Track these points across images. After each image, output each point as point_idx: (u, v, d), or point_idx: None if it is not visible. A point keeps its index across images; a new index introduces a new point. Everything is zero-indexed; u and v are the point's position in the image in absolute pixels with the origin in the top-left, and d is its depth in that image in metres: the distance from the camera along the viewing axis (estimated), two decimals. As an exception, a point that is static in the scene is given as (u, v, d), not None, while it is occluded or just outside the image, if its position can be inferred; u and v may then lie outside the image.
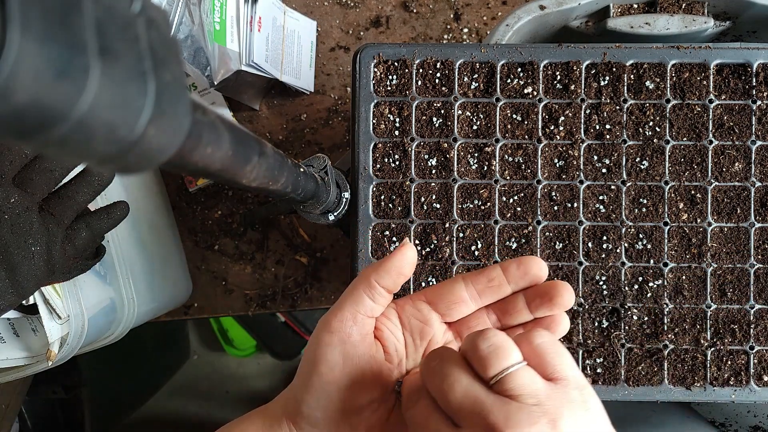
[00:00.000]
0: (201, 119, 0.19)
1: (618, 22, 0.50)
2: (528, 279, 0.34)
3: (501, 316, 0.35)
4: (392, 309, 0.36)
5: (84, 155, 0.14)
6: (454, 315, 0.35)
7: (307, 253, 0.71)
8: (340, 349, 0.33)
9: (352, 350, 0.33)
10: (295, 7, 0.68)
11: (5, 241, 0.38)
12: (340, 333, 0.33)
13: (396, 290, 0.34)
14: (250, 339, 1.29)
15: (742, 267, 0.47)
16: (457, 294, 0.35)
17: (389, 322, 0.36)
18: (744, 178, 0.46)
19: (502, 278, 0.34)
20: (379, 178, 0.47)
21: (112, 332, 0.55)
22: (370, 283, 0.33)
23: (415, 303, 0.36)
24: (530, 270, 0.34)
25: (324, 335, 0.33)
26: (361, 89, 0.47)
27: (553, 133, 0.47)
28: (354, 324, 0.33)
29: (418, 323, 0.36)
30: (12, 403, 0.68)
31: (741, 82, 0.47)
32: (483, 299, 0.35)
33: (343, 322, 0.33)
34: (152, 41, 0.15)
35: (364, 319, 0.34)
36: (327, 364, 0.33)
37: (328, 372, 0.33)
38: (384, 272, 0.33)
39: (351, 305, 0.33)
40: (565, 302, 0.33)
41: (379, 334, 0.35)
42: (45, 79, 0.12)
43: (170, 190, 0.71)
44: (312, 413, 0.33)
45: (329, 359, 0.33)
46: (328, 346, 0.33)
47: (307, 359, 0.34)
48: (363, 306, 0.33)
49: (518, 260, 0.34)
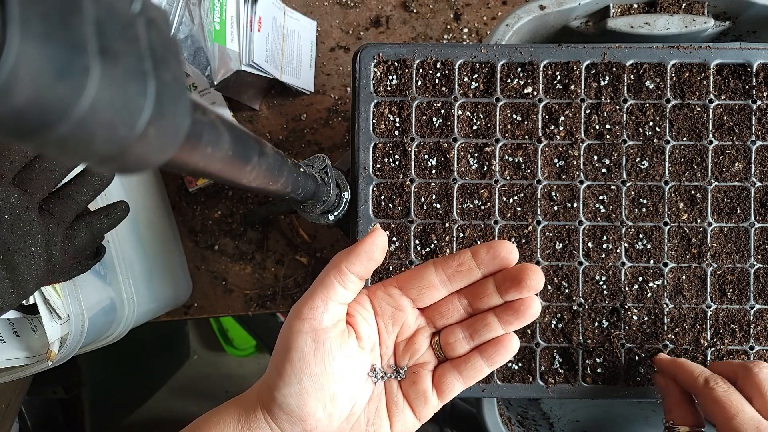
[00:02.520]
0: (201, 119, 0.19)
1: (618, 22, 0.50)
2: (497, 263, 0.34)
3: (472, 300, 0.35)
4: (364, 295, 0.37)
5: (84, 155, 0.14)
6: (425, 300, 0.36)
7: (307, 253, 0.71)
8: (311, 336, 0.33)
9: (323, 336, 0.33)
10: (295, 7, 0.68)
11: (5, 241, 0.38)
12: (311, 320, 0.33)
13: (367, 276, 0.35)
14: (250, 339, 1.29)
15: (742, 267, 0.47)
16: (428, 279, 0.35)
17: (362, 308, 0.36)
18: (744, 178, 0.46)
19: (472, 262, 0.34)
20: (379, 178, 0.47)
21: (112, 332, 0.55)
22: (341, 269, 0.33)
23: (387, 289, 0.36)
24: (499, 253, 0.34)
25: (295, 322, 0.33)
26: (361, 89, 0.47)
27: (553, 133, 0.47)
28: (325, 311, 0.33)
29: (390, 309, 0.36)
30: (12, 403, 0.68)
31: (741, 82, 0.47)
32: (453, 284, 0.35)
33: (315, 309, 0.33)
34: (152, 41, 0.15)
35: (336, 306, 0.34)
36: (298, 351, 0.33)
37: (299, 359, 0.33)
38: (354, 258, 0.34)
39: (322, 292, 0.34)
40: (534, 285, 0.33)
41: (351, 320, 0.35)
42: (45, 79, 0.12)
43: (170, 190, 0.71)
44: (285, 400, 0.33)
45: (300, 346, 0.33)
46: (299, 332, 0.33)
47: (279, 347, 0.34)
48: (334, 292, 0.34)
49: (488, 244, 0.34)
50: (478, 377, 0.35)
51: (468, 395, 0.47)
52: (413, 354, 0.36)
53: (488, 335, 0.35)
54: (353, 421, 0.35)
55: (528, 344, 0.47)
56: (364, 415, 0.35)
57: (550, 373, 0.47)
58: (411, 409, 0.35)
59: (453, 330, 0.36)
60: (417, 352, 0.36)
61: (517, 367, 0.47)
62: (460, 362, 0.35)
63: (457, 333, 0.35)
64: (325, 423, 0.33)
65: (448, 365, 0.36)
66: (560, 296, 0.47)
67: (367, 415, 0.35)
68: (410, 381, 0.36)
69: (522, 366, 0.47)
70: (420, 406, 0.35)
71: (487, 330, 0.35)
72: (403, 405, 0.35)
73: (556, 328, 0.47)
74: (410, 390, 0.35)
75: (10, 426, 0.69)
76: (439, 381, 0.35)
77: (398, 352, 0.37)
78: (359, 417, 0.35)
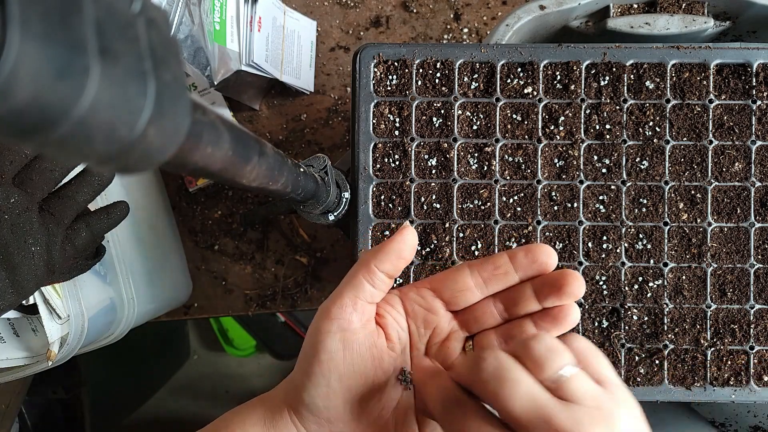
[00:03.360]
0: (201, 119, 0.19)
1: (618, 22, 0.50)
2: (536, 267, 0.33)
3: (508, 305, 0.34)
4: (396, 296, 0.35)
5: (84, 155, 0.14)
6: (459, 303, 0.34)
7: (307, 253, 0.71)
8: (340, 336, 0.32)
9: (352, 337, 0.32)
10: (295, 7, 0.68)
11: (5, 241, 0.38)
12: (340, 320, 0.32)
13: (396, 275, 0.34)
14: (250, 339, 1.29)
15: (742, 267, 0.47)
16: (462, 281, 0.34)
17: (392, 309, 0.35)
18: (744, 178, 0.46)
19: (509, 266, 0.33)
20: (379, 178, 0.47)
21: (112, 332, 0.55)
22: (369, 268, 0.33)
23: (419, 291, 0.35)
24: (538, 258, 0.33)
25: (324, 322, 0.32)
26: (361, 89, 0.47)
27: (553, 133, 0.47)
28: (354, 310, 0.32)
29: (423, 311, 0.35)
30: (12, 403, 0.68)
31: (741, 82, 0.47)
32: (489, 287, 0.34)
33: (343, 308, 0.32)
34: (152, 41, 0.15)
35: (365, 306, 0.33)
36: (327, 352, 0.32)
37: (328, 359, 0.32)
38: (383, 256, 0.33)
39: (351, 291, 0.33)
40: (575, 292, 0.32)
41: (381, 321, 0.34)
42: (45, 79, 0.12)
43: (170, 190, 0.71)
44: (313, 401, 0.32)
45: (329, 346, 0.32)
46: (328, 333, 0.32)
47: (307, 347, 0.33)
48: (363, 292, 0.33)
49: (526, 248, 0.33)
50: None
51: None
52: (445, 358, 0.35)
53: None
54: (381, 425, 0.33)
55: (528, 344, 0.47)
56: (393, 419, 0.34)
57: (550, 373, 0.47)
58: None
59: (487, 335, 0.34)
60: (449, 356, 0.35)
61: (517, 367, 0.47)
62: None
63: (491, 338, 0.34)
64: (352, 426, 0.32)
65: None
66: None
67: (396, 419, 0.34)
68: None
69: (522, 366, 0.47)
70: None
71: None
72: None
73: (556, 328, 0.47)
74: None
75: (10, 426, 0.69)
76: None
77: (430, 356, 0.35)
78: (387, 421, 0.34)
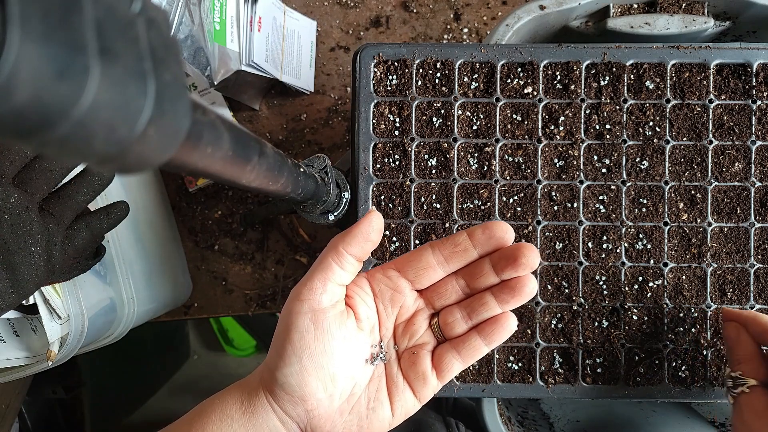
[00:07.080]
0: (201, 119, 0.19)
1: (618, 22, 0.50)
2: (493, 242, 0.35)
3: (469, 280, 0.36)
4: (363, 278, 0.37)
5: (84, 155, 0.14)
6: (423, 281, 0.36)
7: (307, 253, 0.71)
8: (310, 317, 0.33)
9: (322, 317, 0.34)
10: (295, 7, 0.68)
11: (5, 241, 0.38)
12: (310, 300, 0.34)
13: (364, 258, 0.35)
14: (250, 339, 1.29)
15: (742, 267, 0.47)
16: (425, 260, 0.36)
17: (360, 290, 0.37)
18: (744, 178, 0.46)
19: (468, 243, 0.35)
20: (379, 178, 0.47)
21: (112, 332, 0.55)
22: (338, 251, 0.34)
23: (385, 271, 0.37)
24: (495, 233, 0.34)
25: (294, 304, 0.34)
26: (361, 89, 0.47)
27: (553, 133, 0.47)
28: (324, 291, 0.34)
29: (389, 290, 0.37)
30: (12, 403, 0.68)
31: (741, 82, 0.47)
32: (450, 265, 0.36)
33: (313, 290, 0.34)
34: (152, 41, 0.15)
35: (334, 287, 0.34)
36: (298, 331, 0.33)
37: (299, 339, 0.33)
38: (351, 240, 0.34)
39: (320, 273, 0.34)
40: (529, 263, 0.34)
41: (350, 302, 0.36)
42: (45, 79, 0.12)
43: (170, 190, 0.71)
44: (286, 380, 0.33)
45: (300, 326, 0.33)
46: (298, 313, 0.34)
47: (280, 329, 0.35)
48: (332, 273, 0.34)
49: (483, 225, 0.35)
50: (476, 356, 0.36)
51: (468, 395, 0.47)
52: (412, 335, 0.37)
53: (486, 314, 0.35)
54: (354, 402, 0.35)
55: (528, 344, 0.47)
56: (365, 395, 0.35)
57: (550, 373, 0.47)
58: (411, 389, 0.36)
59: (451, 310, 0.36)
60: (416, 333, 0.37)
61: (517, 367, 0.47)
62: (458, 342, 0.36)
63: (455, 313, 0.36)
64: (326, 403, 0.34)
65: (447, 345, 0.36)
66: (560, 296, 0.47)
67: (368, 396, 0.35)
68: (410, 362, 0.36)
69: (522, 366, 0.47)
70: (420, 386, 0.36)
71: (484, 309, 0.35)
72: (404, 386, 0.36)
73: (556, 328, 0.47)
74: (410, 371, 0.36)
75: (10, 426, 0.69)
76: (438, 361, 0.36)
77: (398, 334, 0.37)
78: (360, 397, 0.35)
